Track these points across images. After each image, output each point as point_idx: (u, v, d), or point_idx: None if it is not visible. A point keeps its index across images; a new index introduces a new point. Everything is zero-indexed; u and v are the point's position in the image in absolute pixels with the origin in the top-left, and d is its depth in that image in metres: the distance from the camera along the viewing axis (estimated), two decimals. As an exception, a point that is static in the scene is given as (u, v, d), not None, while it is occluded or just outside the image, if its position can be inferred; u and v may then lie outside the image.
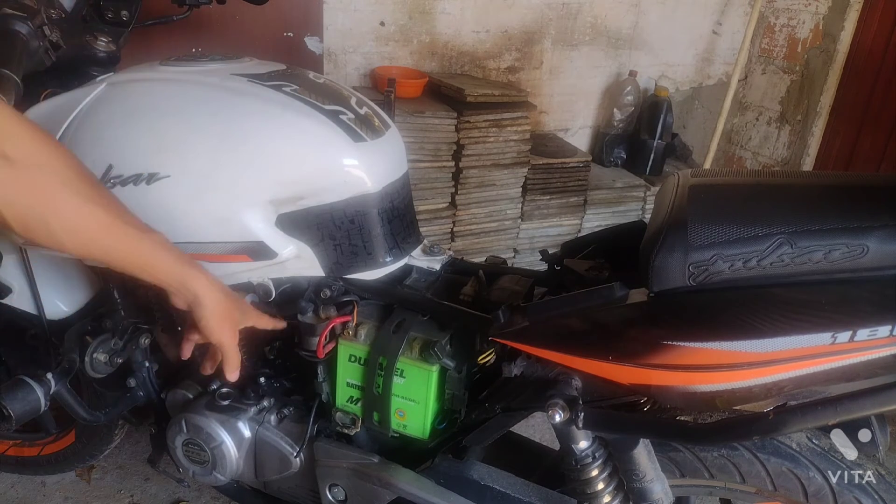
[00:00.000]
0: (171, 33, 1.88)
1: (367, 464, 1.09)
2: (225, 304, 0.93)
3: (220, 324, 0.93)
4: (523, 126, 2.48)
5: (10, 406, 1.02)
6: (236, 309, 0.97)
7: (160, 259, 0.86)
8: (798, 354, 0.73)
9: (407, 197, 1.11)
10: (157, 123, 0.99)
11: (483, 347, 0.99)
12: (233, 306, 0.96)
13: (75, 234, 0.78)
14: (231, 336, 0.96)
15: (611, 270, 0.98)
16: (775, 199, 0.80)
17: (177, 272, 0.88)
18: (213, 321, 0.92)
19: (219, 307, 0.92)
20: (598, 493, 0.97)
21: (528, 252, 2.70)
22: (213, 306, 0.91)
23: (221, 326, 0.94)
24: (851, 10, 2.83)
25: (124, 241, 0.82)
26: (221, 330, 0.94)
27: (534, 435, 1.50)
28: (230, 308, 0.95)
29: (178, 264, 0.87)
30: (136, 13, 1.22)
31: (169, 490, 1.70)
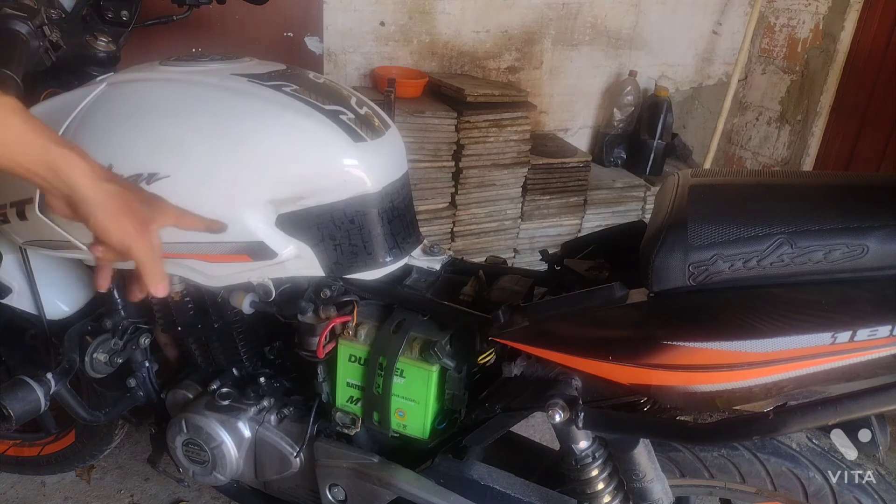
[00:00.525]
0: (171, 33, 1.88)
1: (367, 464, 1.09)
2: (118, 195, 0.73)
3: (116, 220, 0.73)
4: (523, 126, 2.48)
5: (10, 406, 1.02)
6: (138, 200, 0.77)
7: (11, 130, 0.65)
8: (798, 354, 0.73)
9: (407, 197, 1.11)
10: (157, 123, 0.99)
11: (483, 347, 0.99)
12: (132, 197, 0.76)
13: None
14: (138, 235, 0.75)
15: (611, 270, 0.98)
16: (775, 199, 0.80)
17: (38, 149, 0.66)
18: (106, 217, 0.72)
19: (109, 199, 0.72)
20: (598, 493, 0.97)
21: (528, 252, 2.70)
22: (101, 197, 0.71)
23: (119, 223, 0.73)
24: (851, 10, 2.83)
25: None
26: (121, 228, 0.73)
27: (534, 435, 1.50)
28: (128, 199, 0.74)
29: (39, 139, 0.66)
30: (136, 13, 1.22)
31: (169, 490, 1.70)
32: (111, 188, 0.73)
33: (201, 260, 1.02)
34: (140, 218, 0.76)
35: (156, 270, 0.78)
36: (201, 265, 1.03)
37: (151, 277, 0.78)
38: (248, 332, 1.20)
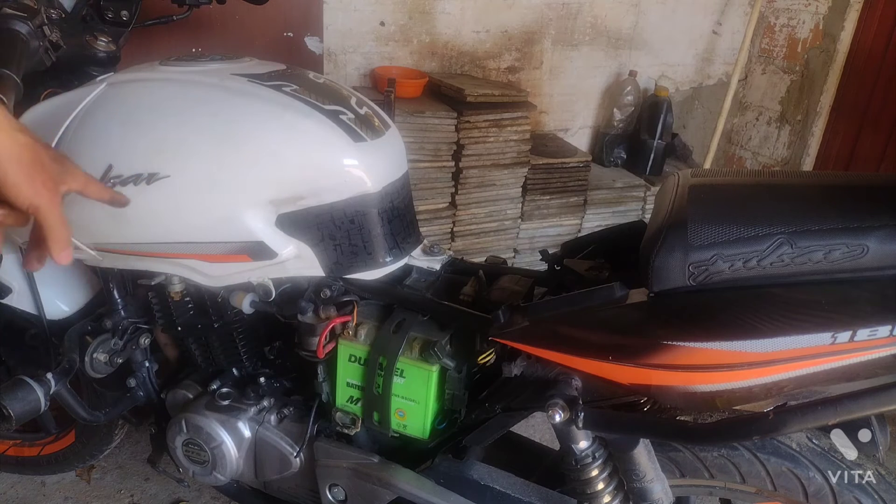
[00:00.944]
0: (171, 33, 1.88)
1: (367, 464, 1.09)
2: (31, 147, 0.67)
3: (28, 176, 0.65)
4: (523, 126, 2.48)
5: (10, 406, 1.02)
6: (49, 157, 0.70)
7: None
8: (798, 354, 0.73)
9: (407, 197, 1.11)
10: (157, 123, 0.99)
11: (483, 347, 0.99)
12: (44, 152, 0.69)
13: None
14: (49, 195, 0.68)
15: (611, 270, 0.98)
16: (775, 199, 0.80)
17: None
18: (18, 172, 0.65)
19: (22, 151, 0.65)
20: (598, 493, 0.97)
21: (528, 252, 2.70)
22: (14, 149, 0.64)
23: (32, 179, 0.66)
24: (851, 10, 2.83)
25: None
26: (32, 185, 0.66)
27: (534, 435, 1.50)
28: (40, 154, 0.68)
29: None
30: (136, 13, 1.22)
31: (169, 490, 1.70)
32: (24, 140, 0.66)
33: (201, 260, 1.02)
34: (52, 176, 0.69)
35: (63, 234, 0.71)
36: (201, 265, 1.03)
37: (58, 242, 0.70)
38: (248, 332, 1.20)
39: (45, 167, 0.68)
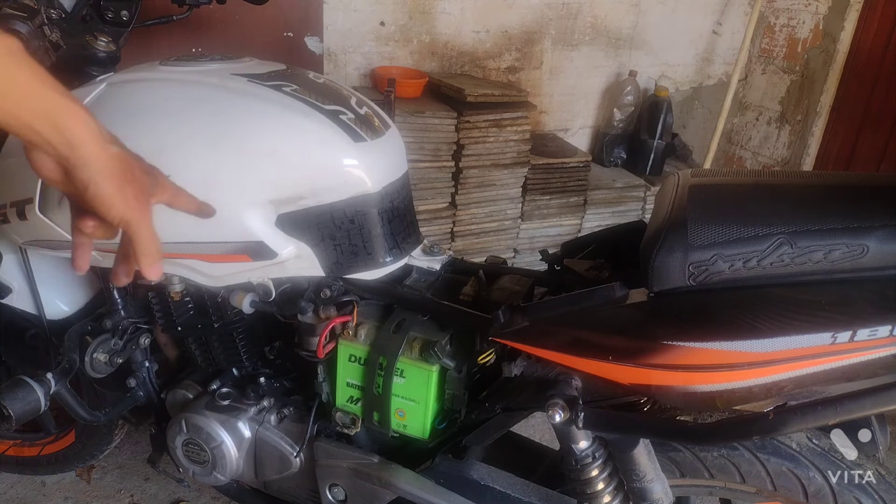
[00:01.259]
0: (171, 33, 1.88)
1: (367, 464, 1.09)
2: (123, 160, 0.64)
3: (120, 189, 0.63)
4: (523, 126, 2.48)
5: (10, 406, 1.02)
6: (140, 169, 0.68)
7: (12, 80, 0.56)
8: (798, 354, 0.73)
9: (407, 197, 1.11)
10: (157, 123, 0.99)
11: (483, 347, 0.98)
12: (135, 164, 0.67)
13: None
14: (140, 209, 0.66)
15: (611, 270, 0.98)
16: (775, 199, 0.80)
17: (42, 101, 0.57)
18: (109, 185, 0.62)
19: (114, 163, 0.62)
20: (598, 493, 0.97)
21: (528, 252, 2.70)
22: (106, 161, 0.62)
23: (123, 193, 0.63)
24: (851, 10, 2.83)
25: None
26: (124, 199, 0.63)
27: (534, 435, 1.50)
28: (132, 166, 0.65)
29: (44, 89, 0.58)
30: (136, 13, 1.22)
31: (169, 490, 1.70)
32: (116, 152, 0.63)
33: (201, 260, 1.02)
34: (143, 188, 0.67)
35: (154, 248, 0.68)
36: (201, 265, 1.03)
37: (150, 257, 0.68)
38: (248, 332, 1.20)
39: (136, 179, 0.66)
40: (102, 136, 0.63)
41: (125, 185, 0.64)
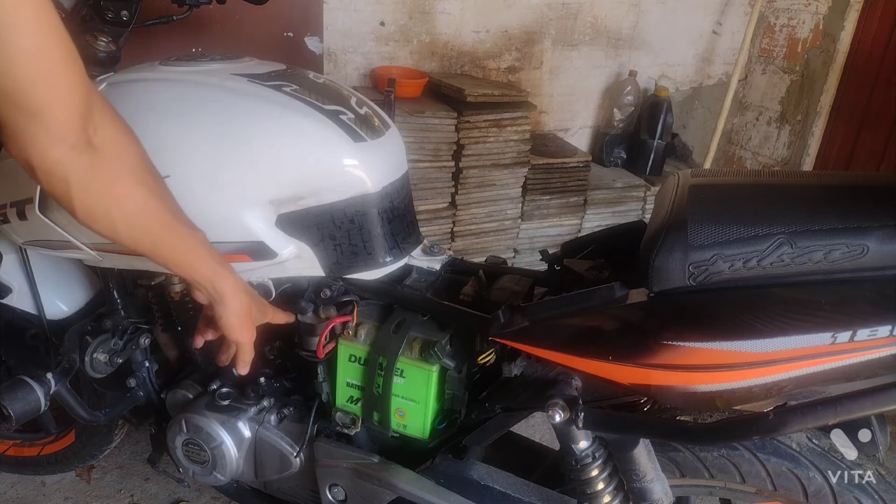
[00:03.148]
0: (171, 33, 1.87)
1: (367, 464, 1.09)
2: (247, 305, 0.94)
3: (240, 323, 0.94)
4: (523, 126, 2.48)
5: (10, 406, 1.02)
6: (256, 308, 0.97)
7: (199, 257, 0.87)
8: (798, 354, 0.73)
9: (407, 197, 1.11)
10: (157, 123, 0.99)
11: (483, 347, 0.99)
12: (253, 306, 0.96)
13: (133, 226, 0.79)
14: (249, 334, 0.97)
15: (611, 270, 0.98)
16: (775, 199, 0.80)
17: (210, 271, 0.88)
18: (235, 320, 0.93)
19: (241, 308, 0.92)
20: (598, 493, 0.97)
21: (528, 252, 2.70)
22: (236, 307, 0.92)
23: (242, 325, 0.94)
24: (851, 10, 2.83)
25: (173, 238, 0.83)
26: (241, 329, 0.95)
27: (534, 435, 1.50)
28: (251, 308, 0.95)
29: (212, 263, 0.88)
30: (136, 13, 1.21)
31: (169, 490, 1.70)
32: (245, 299, 0.93)
33: (201, 260, 1.02)
34: (253, 320, 0.97)
35: (250, 358, 1.00)
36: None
37: (245, 364, 1.01)
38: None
39: (251, 314, 0.95)
40: (239, 289, 0.92)
41: (245, 320, 0.94)
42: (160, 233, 0.82)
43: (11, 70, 0.63)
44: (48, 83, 0.65)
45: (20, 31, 0.62)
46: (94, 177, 0.72)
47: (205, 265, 0.87)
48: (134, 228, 0.79)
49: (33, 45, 0.63)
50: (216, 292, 0.90)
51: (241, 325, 0.94)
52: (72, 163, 0.70)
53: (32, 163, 0.69)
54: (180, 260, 0.86)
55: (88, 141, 0.70)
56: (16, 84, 0.64)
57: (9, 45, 0.62)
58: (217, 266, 0.89)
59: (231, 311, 0.91)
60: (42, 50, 0.64)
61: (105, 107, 0.75)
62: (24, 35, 0.62)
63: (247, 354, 1.00)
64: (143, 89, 1.04)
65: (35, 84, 0.64)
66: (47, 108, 0.66)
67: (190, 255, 0.86)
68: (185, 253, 0.85)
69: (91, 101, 0.71)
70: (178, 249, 0.85)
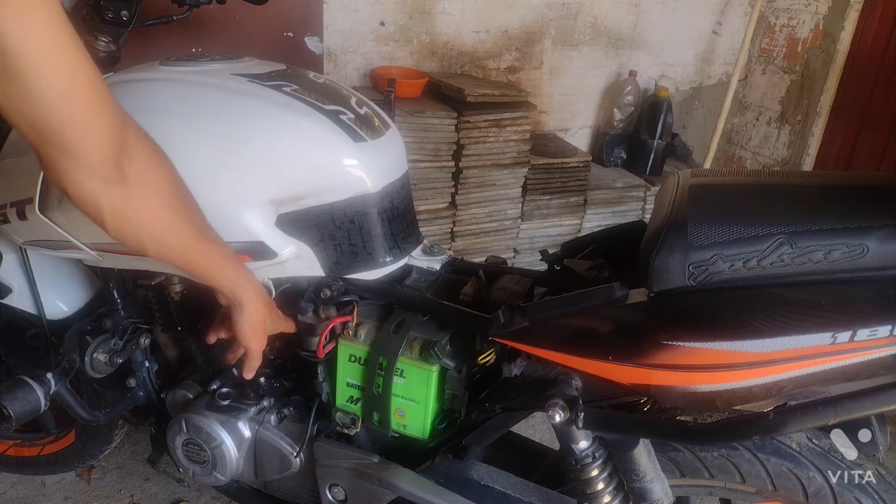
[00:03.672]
0: (171, 33, 1.87)
1: (367, 464, 1.09)
2: (263, 314, 0.97)
3: (254, 331, 0.97)
4: (523, 126, 2.48)
5: (10, 406, 1.02)
6: (270, 319, 1.00)
7: (223, 269, 0.92)
8: (798, 354, 0.73)
9: (407, 197, 1.11)
10: (157, 123, 0.98)
11: (483, 347, 0.99)
12: (268, 316, 0.99)
13: (161, 245, 0.83)
14: (260, 343, 1.00)
15: (611, 270, 0.98)
16: (775, 199, 0.80)
17: (232, 281, 0.93)
18: (249, 327, 0.96)
19: (257, 316, 0.96)
20: (598, 493, 0.97)
21: (528, 252, 2.70)
22: (252, 315, 0.95)
23: (255, 333, 0.98)
24: (851, 10, 2.83)
25: (200, 254, 0.88)
26: (254, 336, 0.98)
27: (534, 435, 1.50)
28: (266, 318, 0.98)
29: (235, 275, 0.93)
30: (136, 13, 1.21)
31: (169, 490, 1.70)
32: (262, 308, 0.97)
33: (201, 260, 1.02)
34: (267, 329, 1.00)
35: (257, 364, 1.04)
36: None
37: (251, 370, 1.05)
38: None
39: (265, 324, 0.99)
40: (258, 300, 0.96)
41: (259, 328, 0.98)
42: (186, 251, 0.86)
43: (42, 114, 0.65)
44: (78, 127, 0.68)
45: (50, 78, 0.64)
46: (126, 205, 0.76)
47: (228, 276, 0.92)
48: (162, 246, 0.84)
49: (61, 91, 0.65)
50: (236, 300, 0.94)
51: (255, 332, 0.98)
52: (104, 193, 0.74)
53: (68, 192, 0.73)
54: (204, 271, 0.90)
55: (122, 174, 0.74)
56: (48, 126, 0.66)
57: (39, 92, 0.64)
58: (239, 278, 0.93)
59: (247, 318, 0.95)
60: (71, 96, 0.66)
61: (139, 138, 0.78)
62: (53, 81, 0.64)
63: (255, 361, 1.03)
64: (143, 89, 1.04)
65: (65, 127, 0.67)
66: (79, 147, 0.69)
67: (215, 267, 0.91)
68: (210, 267, 0.90)
69: (125, 135, 0.74)
70: (202, 264, 0.90)
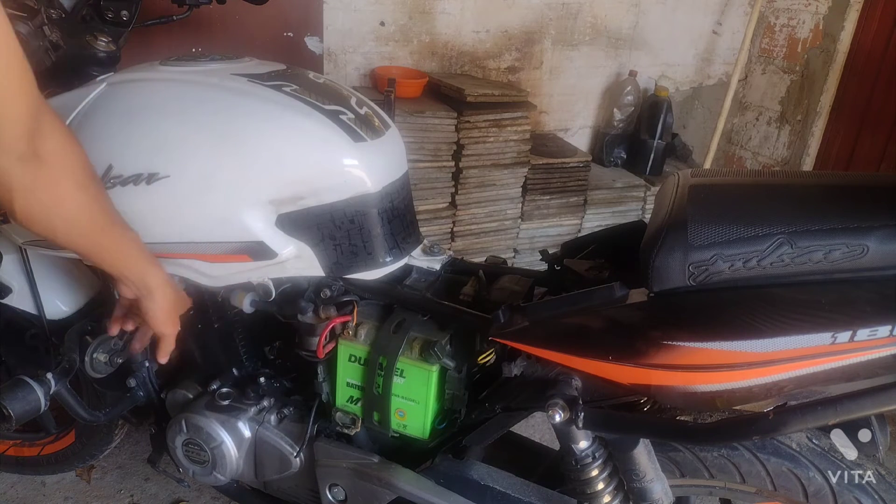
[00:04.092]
0: (171, 33, 1.88)
1: (367, 464, 1.09)
2: (173, 300, 1.01)
3: (167, 315, 1.01)
4: (523, 126, 2.48)
5: (10, 406, 1.02)
6: (178, 300, 1.04)
7: (131, 257, 0.93)
8: (798, 354, 0.73)
9: (407, 197, 1.11)
10: (157, 123, 0.99)
11: (483, 347, 0.99)
12: (176, 299, 1.02)
13: (71, 230, 0.83)
14: (173, 327, 1.04)
15: (611, 270, 0.98)
16: (775, 199, 0.80)
17: (140, 268, 0.94)
18: (162, 313, 0.99)
19: (168, 302, 0.99)
20: (598, 493, 0.97)
21: (528, 252, 2.70)
22: (163, 301, 0.98)
23: (168, 318, 1.02)
24: (851, 10, 2.83)
25: (110, 239, 0.89)
26: (167, 321, 1.02)
27: (534, 435, 1.50)
28: (175, 301, 1.02)
29: (143, 262, 0.94)
30: (136, 13, 1.22)
31: (169, 490, 1.70)
32: (171, 294, 0.99)
33: (201, 260, 1.02)
34: (177, 312, 1.03)
35: (171, 347, 1.07)
36: (201, 265, 1.03)
37: (165, 354, 1.07)
38: (248, 332, 1.19)
39: (175, 308, 1.02)
40: (167, 285, 0.98)
41: (170, 314, 1.01)
42: (96, 235, 0.86)
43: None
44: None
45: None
46: (37, 185, 0.76)
47: (137, 264, 0.93)
48: (72, 230, 0.83)
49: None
50: (145, 288, 0.95)
51: (167, 318, 1.01)
52: (17, 171, 0.73)
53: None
54: (113, 258, 0.91)
55: (35, 152, 0.74)
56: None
57: None
58: (148, 264, 0.95)
59: (158, 305, 0.98)
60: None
61: (53, 118, 0.78)
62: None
63: (169, 345, 1.06)
64: (143, 89, 1.04)
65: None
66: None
67: (123, 255, 0.92)
68: (119, 253, 0.91)
69: (40, 114, 0.74)
70: (111, 250, 0.90)
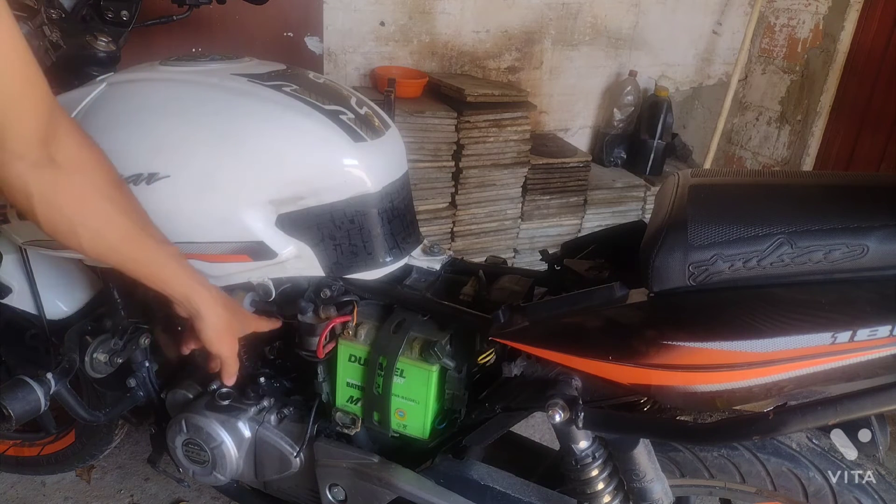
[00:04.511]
0: (171, 33, 1.87)
1: (367, 464, 1.09)
2: (225, 319, 0.95)
3: (219, 337, 0.96)
4: (523, 126, 2.48)
5: (10, 406, 1.02)
6: (236, 321, 0.99)
7: (170, 272, 0.88)
8: (798, 354, 0.73)
9: (407, 197, 1.11)
10: (157, 123, 0.99)
11: (483, 347, 0.99)
12: (233, 319, 0.98)
13: (98, 241, 0.80)
14: (230, 347, 0.99)
15: (611, 270, 0.98)
16: (775, 199, 0.80)
17: (183, 286, 0.90)
18: (213, 334, 0.95)
19: (219, 322, 0.94)
20: (598, 493, 0.97)
21: (528, 252, 2.70)
22: (214, 321, 0.94)
23: (221, 340, 0.97)
24: (851, 10, 2.83)
25: (141, 252, 0.85)
26: (220, 343, 0.97)
27: (534, 435, 1.50)
28: (230, 322, 0.97)
29: (185, 278, 0.90)
30: (136, 13, 1.22)
31: (169, 490, 1.70)
32: (222, 313, 0.95)
33: (201, 260, 1.02)
34: (233, 333, 0.99)
35: (234, 369, 1.03)
36: (201, 265, 1.03)
37: (230, 375, 1.04)
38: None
39: (230, 328, 0.97)
40: (216, 304, 0.93)
41: (223, 334, 0.97)
42: (126, 248, 0.83)
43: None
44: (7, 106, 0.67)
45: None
46: (56, 192, 0.74)
47: (177, 281, 0.89)
48: (99, 243, 0.81)
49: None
50: (192, 308, 0.92)
51: (220, 339, 0.96)
52: (33, 178, 0.72)
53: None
54: (149, 273, 0.87)
55: (51, 158, 0.73)
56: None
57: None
58: (191, 281, 0.90)
59: (209, 326, 0.94)
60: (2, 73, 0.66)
61: (69, 125, 0.77)
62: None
63: (230, 366, 1.02)
64: (143, 89, 1.04)
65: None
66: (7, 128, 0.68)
67: (160, 269, 0.87)
68: (154, 267, 0.87)
69: (54, 119, 0.73)
70: (146, 264, 0.86)
